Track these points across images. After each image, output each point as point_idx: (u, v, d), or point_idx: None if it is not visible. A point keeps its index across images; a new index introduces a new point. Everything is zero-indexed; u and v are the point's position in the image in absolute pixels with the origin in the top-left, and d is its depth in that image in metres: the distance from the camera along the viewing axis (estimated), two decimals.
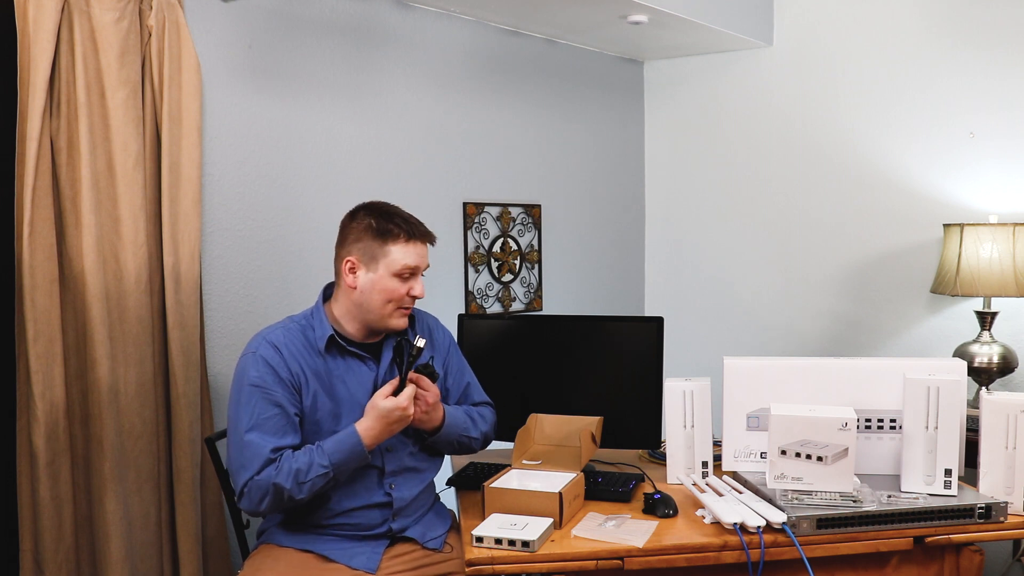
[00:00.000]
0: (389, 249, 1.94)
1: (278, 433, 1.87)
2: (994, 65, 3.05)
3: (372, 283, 1.95)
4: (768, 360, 2.23)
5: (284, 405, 1.89)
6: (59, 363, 2.07)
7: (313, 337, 1.97)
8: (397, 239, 1.95)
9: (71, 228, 2.09)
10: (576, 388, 2.44)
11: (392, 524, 2.01)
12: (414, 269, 1.97)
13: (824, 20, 3.40)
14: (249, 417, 1.86)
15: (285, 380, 1.90)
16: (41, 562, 2.05)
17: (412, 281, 1.98)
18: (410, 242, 1.96)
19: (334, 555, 1.94)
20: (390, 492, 2.00)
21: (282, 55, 2.57)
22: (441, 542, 2.07)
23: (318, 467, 1.85)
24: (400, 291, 1.96)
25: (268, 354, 1.91)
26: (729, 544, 1.88)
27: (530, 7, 2.98)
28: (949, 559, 1.98)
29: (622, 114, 3.81)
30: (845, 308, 3.44)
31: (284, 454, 1.86)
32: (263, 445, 1.84)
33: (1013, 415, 2.01)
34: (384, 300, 1.95)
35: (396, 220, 1.97)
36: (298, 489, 1.84)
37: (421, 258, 1.98)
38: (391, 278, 1.95)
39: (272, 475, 1.83)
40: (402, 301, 1.97)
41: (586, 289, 3.69)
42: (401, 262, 1.94)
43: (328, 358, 1.97)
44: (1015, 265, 2.75)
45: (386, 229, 1.95)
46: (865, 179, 3.35)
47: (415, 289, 1.98)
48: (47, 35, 2.00)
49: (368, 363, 2.01)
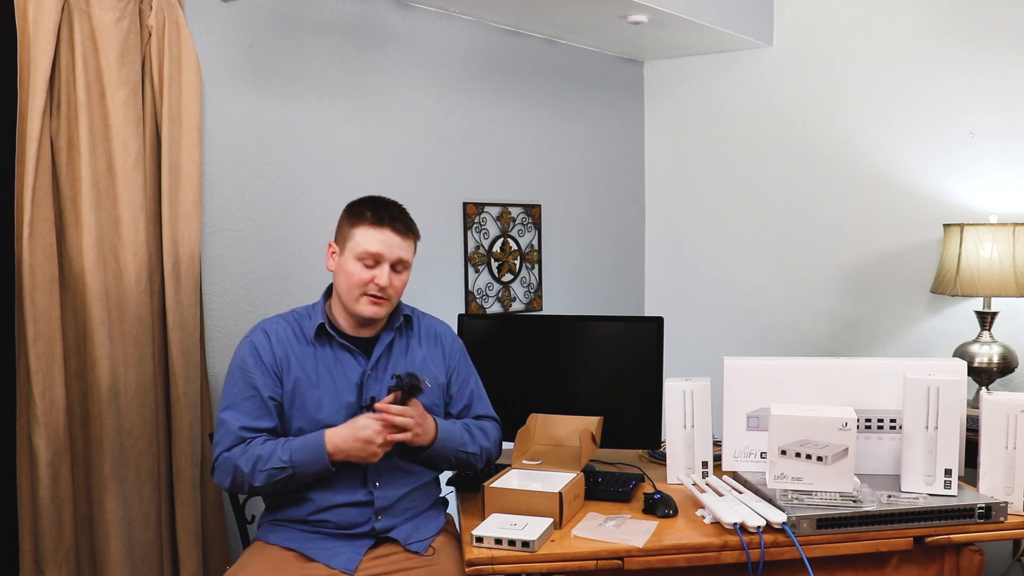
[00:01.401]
0: (354, 232, 1.96)
1: (252, 415, 1.93)
2: (994, 65, 3.05)
3: (340, 266, 1.99)
4: (768, 360, 2.23)
5: (259, 388, 1.94)
6: (59, 363, 2.07)
7: (307, 326, 2.01)
8: (362, 222, 1.96)
9: (71, 228, 2.09)
10: (576, 388, 2.44)
11: (376, 523, 1.98)
12: (376, 256, 1.95)
13: (824, 20, 3.40)
14: (228, 396, 1.95)
15: (267, 364, 1.95)
16: (41, 562, 2.05)
17: (377, 270, 1.95)
18: (375, 227, 1.95)
19: (316, 554, 1.94)
20: (372, 490, 1.98)
21: (282, 55, 2.57)
22: (424, 546, 2.01)
23: (277, 459, 1.86)
24: (362, 277, 1.94)
25: (257, 339, 1.98)
26: (729, 544, 1.88)
27: (530, 7, 2.98)
28: (949, 559, 1.98)
29: (622, 114, 3.81)
30: (845, 308, 3.44)
31: (256, 438, 1.90)
32: (233, 423, 1.91)
33: (1013, 415, 2.01)
34: (348, 285, 1.96)
35: (370, 205, 1.98)
36: (254, 475, 1.87)
37: (386, 247, 1.95)
38: (354, 262, 1.95)
39: (238, 454, 1.89)
40: (366, 288, 1.95)
41: (586, 289, 3.69)
42: (362, 246, 1.94)
43: (317, 347, 1.99)
44: (1015, 265, 2.75)
45: (357, 211, 1.98)
46: (865, 179, 3.35)
47: (380, 279, 1.95)
48: (47, 35, 2.00)
49: (357, 357, 2.01)
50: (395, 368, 2.04)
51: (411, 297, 2.68)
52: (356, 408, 1.98)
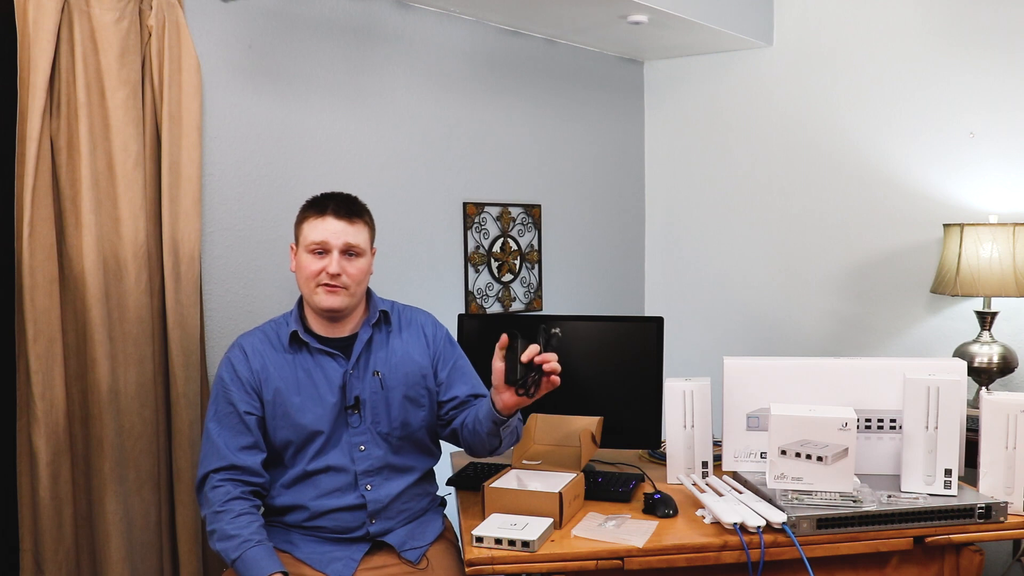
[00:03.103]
0: (303, 227, 2.00)
1: (233, 430, 1.96)
2: (994, 65, 3.05)
3: (297, 264, 2.02)
4: (768, 360, 2.23)
5: (235, 404, 1.96)
6: (59, 363, 2.07)
7: (283, 333, 2.03)
8: (308, 216, 2.00)
9: (71, 228, 2.09)
10: (576, 388, 2.44)
11: (370, 527, 1.98)
12: (322, 244, 1.96)
13: (824, 20, 3.40)
14: (211, 409, 2.00)
15: (243, 380, 1.98)
16: (41, 562, 2.05)
17: (326, 258, 1.97)
18: (318, 216, 1.98)
19: (311, 559, 1.94)
20: (364, 494, 1.97)
21: (282, 55, 2.57)
22: (419, 555, 2.01)
23: (228, 550, 1.82)
24: (313, 268, 1.97)
25: (233, 355, 2.02)
26: (729, 544, 1.88)
27: (530, 7, 2.98)
28: (949, 559, 1.98)
29: (622, 114, 3.81)
30: (845, 308, 3.44)
31: (237, 503, 1.87)
32: (218, 439, 1.94)
33: (1013, 415, 2.01)
34: (303, 278, 1.99)
35: (315, 198, 2.01)
36: (211, 539, 1.87)
37: (332, 235, 1.96)
38: (305, 254, 1.98)
39: (212, 503, 1.89)
40: (319, 278, 1.97)
41: (586, 289, 3.69)
42: (309, 237, 1.97)
43: (296, 354, 2.01)
44: (1015, 265, 2.75)
45: (304, 208, 2.02)
46: (865, 179, 3.35)
47: (330, 267, 1.95)
48: (47, 35, 2.00)
49: (338, 359, 2.01)
50: (376, 365, 2.03)
51: (411, 297, 2.68)
52: (340, 409, 1.98)
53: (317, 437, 1.97)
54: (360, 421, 1.99)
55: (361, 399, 1.99)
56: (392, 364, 2.04)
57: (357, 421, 1.99)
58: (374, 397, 2.01)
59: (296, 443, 1.98)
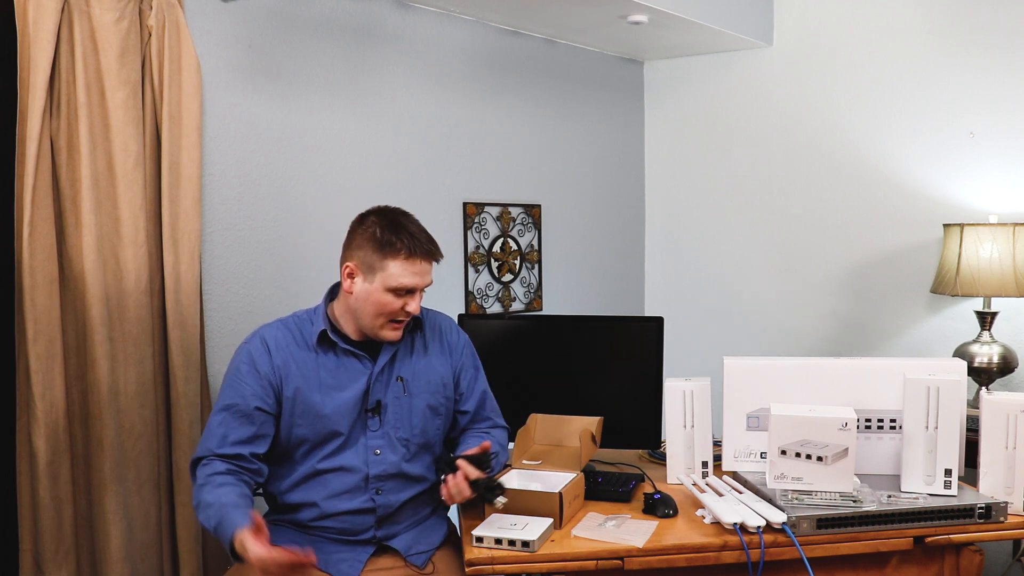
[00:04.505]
0: (388, 264, 1.89)
1: (238, 422, 1.91)
2: (994, 65, 3.05)
3: (367, 294, 1.91)
4: (768, 360, 2.23)
5: (246, 397, 1.91)
6: (59, 363, 2.07)
7: (308, 332, 1.98)
8: (397, 255, 1.89)
9: (71, 228, 2.09)
10: (576, 388, 2.44)
11: (376, 532, 1.97)
12: (411, 287, 1.91)
13: (824, 20, 3.40)
14: (221, 398, 1.94)
15: (261, 373, 1.92)
16: (41, 562, 2.05)
17: (408, 298, 1.92)
18: (410, 259, 1.89)
19: (316, 558, 1.93)
20: (374, 498, 1.96)
21: (282, 55, 2.57)
22: (425, 559, 2.00)
23: (207, 519, 1.79)
24: (393, 306, 1.91)
25: (254, 347, 1.95)
26: (729, 544, 1.88)
27: (530, 7, 2.98)
28: (949, 559, 1.98)
29: (622, 114, 3.81)
30: (845, 308, 3.44)
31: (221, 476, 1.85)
32: (219, 431, 1.89)
33: (1013, 415, 2.01)
34: (375, 313, 1.91)
35: (401, 234, 1.90)
36: (197, 508, 1.84)
37: (420, 277, 1.92)
38: (385, 292, 1.90)
39: (200, 479, 1.86)
40: (395, 315, 1.92)
41: (586, 289, 3.69)
42: (397, 279, 1.89)
43: (320, 353, 1.96)
44: (1015, 265, 2.75)
45: (388, 242, 1.89)
46: (865, 179, 3.35)
47: (410, 306, 1.92)
48: (47, 35, 2.00)
49: (364, 361, 1.98)
50: (400, 370, 2.01)
51: None
52: (360, 411, 1.97)
53: (335, 438, 1.95)
54: (379, 425, 1.98)
55: (383, 403, 1.97)
56: (416, 371, 2.02)
57: (376, 424, 1.97)
58: (396, 402, 1.99)
59: (312, 441, 1.95)
